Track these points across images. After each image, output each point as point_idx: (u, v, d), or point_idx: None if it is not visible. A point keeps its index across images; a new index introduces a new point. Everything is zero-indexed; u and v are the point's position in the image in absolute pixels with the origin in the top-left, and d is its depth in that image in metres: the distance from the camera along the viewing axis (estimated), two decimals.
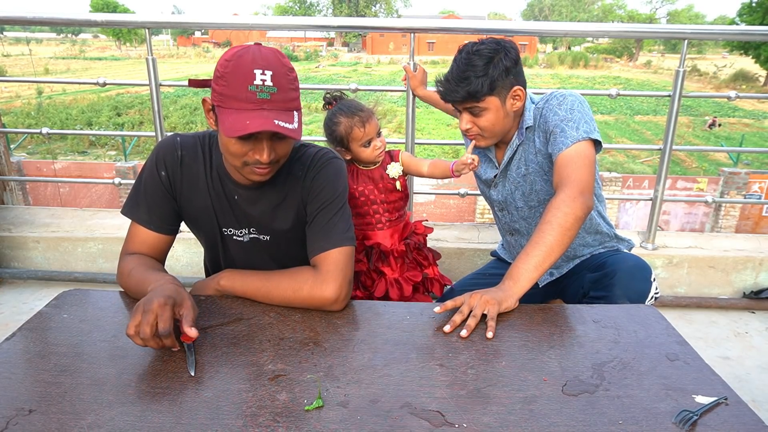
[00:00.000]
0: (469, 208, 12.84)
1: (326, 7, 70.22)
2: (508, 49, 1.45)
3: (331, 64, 43.88)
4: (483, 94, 1.45)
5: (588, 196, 1.34)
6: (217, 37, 66.90)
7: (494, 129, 1.52)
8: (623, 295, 1.37)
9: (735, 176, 12.48)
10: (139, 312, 0.98)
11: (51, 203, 12.70)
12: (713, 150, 3.24)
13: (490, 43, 1.46)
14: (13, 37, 67.27)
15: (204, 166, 1.27)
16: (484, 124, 1.51)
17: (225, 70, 1.08)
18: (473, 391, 0.91)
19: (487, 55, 1.43)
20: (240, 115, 1.06)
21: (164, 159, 1.25)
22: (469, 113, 1.51)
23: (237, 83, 1.06)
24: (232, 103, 1.07)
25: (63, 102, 25.08)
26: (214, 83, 1.11)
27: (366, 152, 1.66)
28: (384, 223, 1.73)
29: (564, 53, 51.75)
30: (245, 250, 1.34)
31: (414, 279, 1.72)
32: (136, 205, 1.27)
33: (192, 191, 1.27)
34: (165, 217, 1.28)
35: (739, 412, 0.86)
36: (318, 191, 1.25)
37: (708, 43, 53.63)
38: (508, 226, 1.74)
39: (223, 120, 1.08)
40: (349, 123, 1.63)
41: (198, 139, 1.29)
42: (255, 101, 1.06)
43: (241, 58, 1.07)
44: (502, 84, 1.45)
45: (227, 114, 1.07)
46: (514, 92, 1.48)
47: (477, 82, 1.43)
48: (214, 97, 1.12)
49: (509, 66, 1.45)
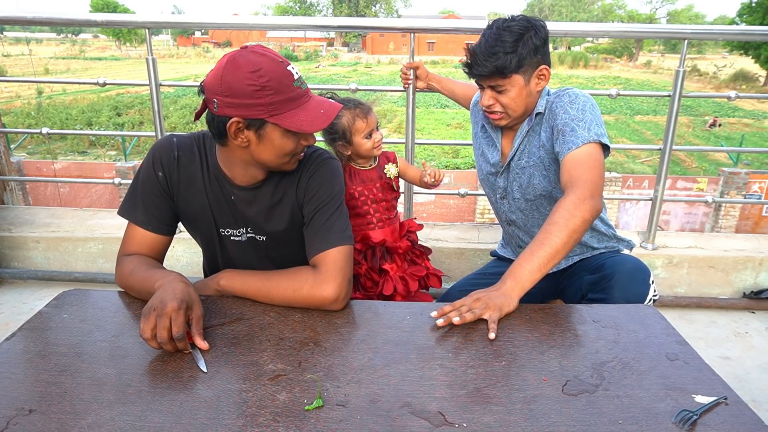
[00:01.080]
0: (469, 208, 12.84)
1: (326, 7, 70.25)
2: (539, 28, 1.44)
3: (331, 64, 43.87)
4: (510, 71, 1.43)
5: (598, 198, 1.33)
6: (217, 37, 66.90)
7: (516, 107, 1.51)
8: (621, 297, 1.37)
9: (735, 176, 12.48)
10: (152, 315, 0.99)
11: (51, 203, 12.70)
12: (713, 150, 3.24)
13: (522, 20, 1.45)
14: (13, 37, 67.22)
15: (201, 166, 1.27)
16: (506, 101, 1.50)
17: (262, 82, 1.07)
18: (473, 391, 0.91)
19: (518, 32, 1.42)
20: (303, 111, 1.12)
21: (161, 159, 1.25)
22: (492, 89, 1.50)
23: (284, 87, 1.10)
24: (290, 105, 1.11)
25: (63, 102, 25.07)
26: (249, 99, 1.08)
27: (367, 144, 1.69)
28: (384, 221, 1.76)
29: (564, 53, 51.72)
30: (243, 250, 1.34)
31: (418, 274, 1.76)
32: (133, 207, 1.27)
33: (189, 191, 1.27)
34: (162, 218, 1.28)
35: (738, 412, 0.86)
36: (314, 192, 1.26)
37: (708, 43, 53.65)
38: (506, 215, 1.74)
39: (290, 122, 1.11)
40: (351, 115, 1.66)
41: (194, 139, 1.29)
42: (303, 93, 1.14)
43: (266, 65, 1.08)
44: (529, 62, 1.45)
45: (291, 116, 1.11)
46: (540, 71, 1.48)
47: (505, 58, 1.42)
48: (257, 112, 1.09)
49: (538, 45, 1.44)
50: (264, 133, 1.13)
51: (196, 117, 1.21)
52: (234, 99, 1.08)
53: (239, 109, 1.09)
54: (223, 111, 1.10)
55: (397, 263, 1.74)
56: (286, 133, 1.14)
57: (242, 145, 1.15)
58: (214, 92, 1.09)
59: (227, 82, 1.08)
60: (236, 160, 1.21)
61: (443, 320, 1.10)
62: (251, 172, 1.24)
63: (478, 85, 1.55)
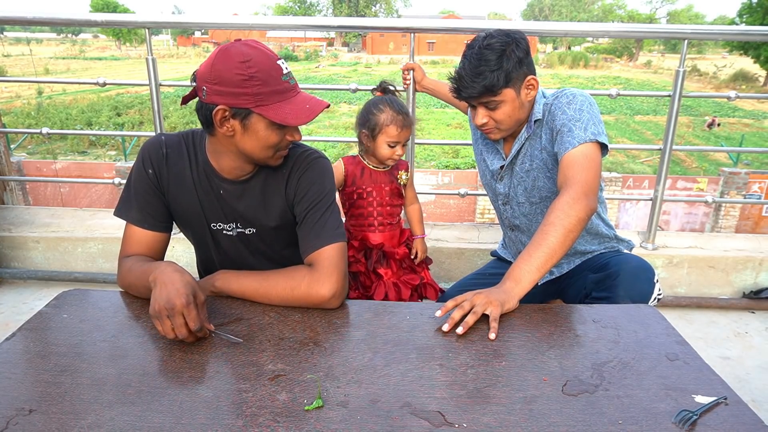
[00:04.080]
0: (469, 208, 12.83)
1: (326, 7, 70.24)
2: (519, 41, 1.45)
3: (331, 64, 43.86)
4: (499, 87, 1.44)
5: (592, 197, 1.33)
6: (217, 37, 66.85)
7: (510, 121, 1.52)
8: (626, 296, 1.37)
9: (735, 176, 12.48)
10: (164, 317, 1.01)
11: (51, 203, 12.70)
12: (713, 150, 3.24)
13: (500, 35, 1.45)
14: (13, 37, 67.26)
15: (189, 162, 1.28)
16: (500, 117, 1.50)
17: (250, 72, 1.09)
18: (473, 391, 0.91)
19: (499, 48, 1.42)
20: (289, 104, 1.13)
21: (150, 157, 1.27)
22: (485, 107, 1.50)
23: (272, 79, 1.11)
24: (275, 98, 1.12)
25: (63, 102, 25.06)
26: (236, 88, 1.10)
27: (386, 152, 1.69)
28: (385, 225, 1.75)
29: (564, 53, 51.72)
30: (234, 245, 1.35)
31: (412, 282, 1.73)
32: (127, 206, 1.28)
33: (179, 188, 1.29)
34: (157, 215, 1.29)
35: (738, 412, 0.86)
36: (305, 190, 1.26)
37: (708, 43, 53.62)
38: (509, 221, 1.74)
39: (274, 114, 1.12)
40: (392, 116, 1.66)
41: (182, 137, 1.31)
42: (291, 88, 1.14)
43: (256, 57, 1.10)
44: (517, 75, 1.45)
45: (275, 108, 1.12)
46: (528, 82, 1.48)
47: (492, 76, 1.42)
48: (243, 102, 1.11)
49: (521, 57, 1.44)
50: (249, 124, 1.14)
51: (183, 101, 1.23)
52: (222, 87, 1.10)
53: (226, 98, 1.11)
54: (210, 99, 1.12)
55: (392, 269, 1.73)
56: (270, 125, 1.15)
57: (228, 134, 1.17)
58: (204, 80, 1.12)
59: (217, 70, 1.10)
60: (224, 150, 1.22)
61: (448, 326, 1.10)
62: (239, 164, 1.25)
63: (469, 105, 1.55)
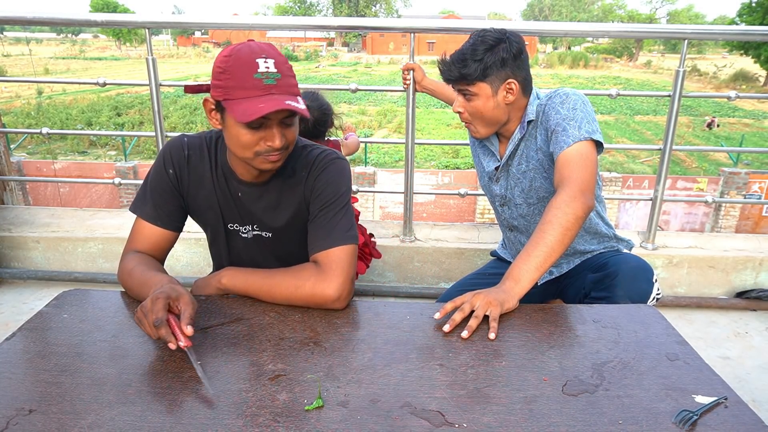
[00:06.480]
0: (469, 208, 12.84)
1: (326, 7, 70.23)
2: (512, 42, 1.47)
3: (331, 64, 43.85)
4: (474, 78, 1.47)
5: (589, 195, 1.34)
6: (217, 37, 66.87)
7: (482, 116, 1.54)
8: (625, 295, 1.37)
9: (735, 176, 12.49)
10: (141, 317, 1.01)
11: (51, 203, 12.70)
12: (713, 150, 3.24)
13: (498, 32, 1.48)
14: (13, 37, 67.23)
15: (210, 164, 1.29)
16: (472, 110, 1.54)
17: (226, 65, 1.10)
18: (473, 391, 0.91)
19: (490, 43, 1.46)
20: (250, 102, 1.09)
21: (172, 158, 1.29)
22: (463, 96, 1.54)
23: (241, 74, 1.09)
24: (239, 93, 1.09)
25: (63, 102, 25.05)
26: (215, 80, 1.13)
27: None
28: None
29: (564, 53, 51.71)
30: (248, 246, 1.35)
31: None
32: (142, 203, 1.30)
33: (198, 189, 1.30)
34: (171, 214, 1.30)
35: (739, 412, 0.86)
36: (321, 190, 1.26)
37: (708, 43, 53.64)
38: (507, 222, 1.74)
39: (233, 110, 1.10)
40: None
41: (204, 139, 1.32)
42: (262, 87, 1.09)
43: (240, 52, 1.10)
44: (496, 74, 1.47)
45: (236, 104, 1.09)
46: (507, 85, 1.50)
47: (472, 65, 1.46)
48: (217, 94, 1.13)
49: (506, 57, 1.46)
50: (226, 117, 1.15)
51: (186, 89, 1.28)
52: (211, 78, 1.15)
53: (211, 89, 1.15)
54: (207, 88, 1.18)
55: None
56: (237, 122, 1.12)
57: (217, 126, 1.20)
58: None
59: (215, 62, 1.14)
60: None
61: (449, 326, 1.10)
62: (243, 163, 1.24)
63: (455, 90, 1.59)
